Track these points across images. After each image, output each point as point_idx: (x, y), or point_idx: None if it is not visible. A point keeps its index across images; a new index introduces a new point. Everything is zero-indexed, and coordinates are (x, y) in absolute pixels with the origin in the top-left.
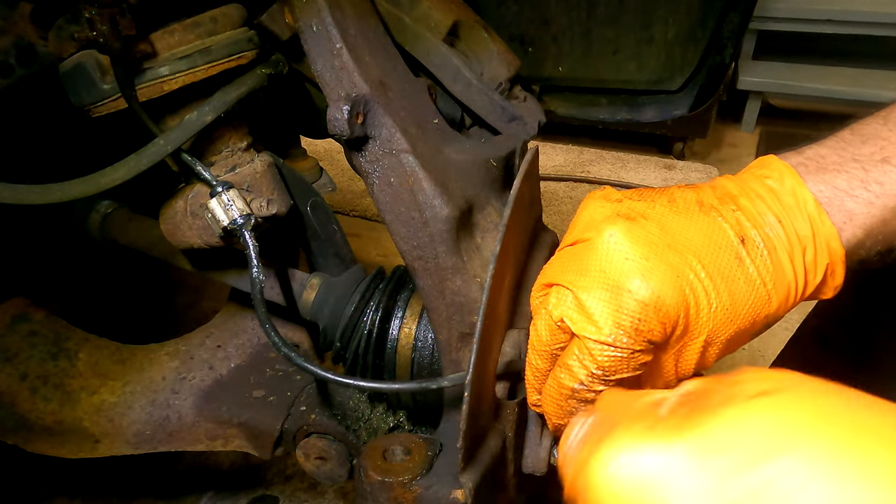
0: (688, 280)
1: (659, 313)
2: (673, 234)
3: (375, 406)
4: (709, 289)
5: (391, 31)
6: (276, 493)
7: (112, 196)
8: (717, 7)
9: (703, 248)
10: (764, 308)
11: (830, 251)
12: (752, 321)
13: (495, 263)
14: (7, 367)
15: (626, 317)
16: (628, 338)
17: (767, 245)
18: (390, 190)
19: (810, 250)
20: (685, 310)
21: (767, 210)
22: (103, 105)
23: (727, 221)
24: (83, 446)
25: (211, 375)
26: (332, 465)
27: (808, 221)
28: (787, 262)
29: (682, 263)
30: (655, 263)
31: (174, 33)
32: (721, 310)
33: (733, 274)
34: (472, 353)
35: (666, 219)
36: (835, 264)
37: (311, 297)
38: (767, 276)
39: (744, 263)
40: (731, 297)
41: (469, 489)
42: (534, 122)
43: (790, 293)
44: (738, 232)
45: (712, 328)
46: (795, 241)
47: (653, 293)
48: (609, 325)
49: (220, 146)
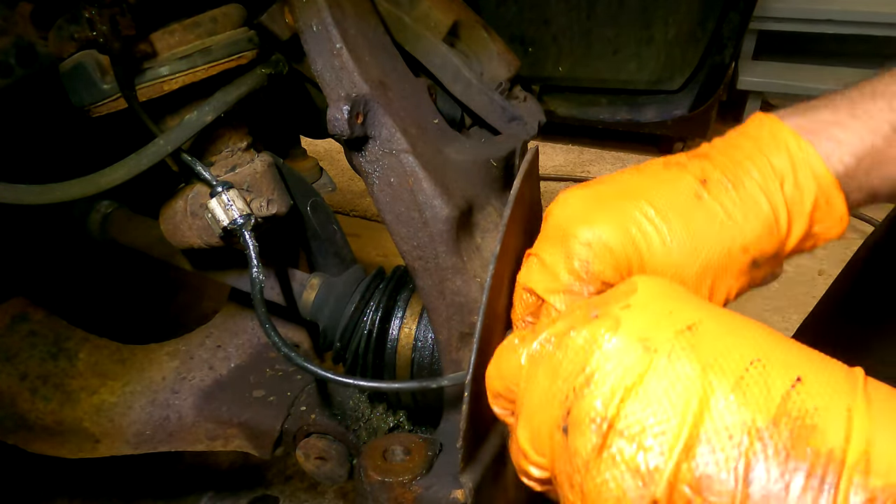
0: (634, 219)
1: (607, 252)
2: (628, 187)
3: (375, 406)
4: (659, 225)
5: (391, 31)
6: (276, 493)
7: (112, 196)
8: (717, 7)
9: (657, 191)
10: (736, 238)
11: (817, 177)
12: (725, 254)
13: (495, 263)
14: (7, 367)
15: (577, 261)
16: (580, 281)
17: (733, 181)
18: (390, 190)
19: (789, 180)
20: (634, 247)
21: (740, 154)
22: (103, 105)
23: (689, 170)
24: (83, 446)
25: (211, 375)
26: (332, 465)
27: (786, 153)
28: (758, 194)
29: (630, 206)
30: (601, 210)
31: (174, 33)
32: (678, 244)
33: (689, 210)
34: (472, 353)
35: (624, 178)
36: (828, 192)
37: (311, 297)
38: (734, 207)
39: (702, 199)
40: (687, 230)
41: (469, 489)
42: (534, 122)
43: (774, 225)
44: (700, 175)
45: (674, 263)
46: (769, 174)
47: (595, 234)
48: (563, 273)
49: (220, 146)
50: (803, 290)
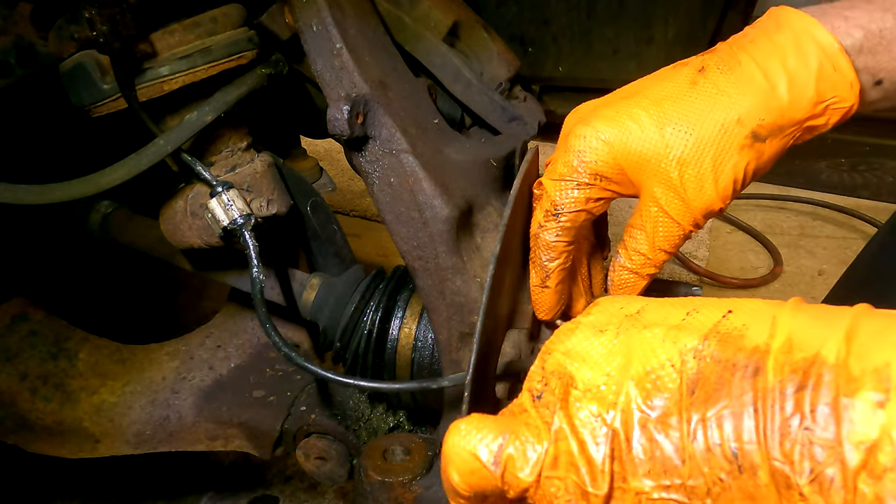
0: (629, 112)
1: (602, 144)
2: (632, 88)
3: (375, 406)
4: (652, 111)
5: (391, 31)
6: (276, 493)
7: (112, 196)
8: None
9: (654, 86)
10: (729, 111)
11: (820, 44)
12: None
13: (495, 263)
14: (7, 367)
15: (571, 153)
16: (570, 169)
17: (730, 64)
18: (390, 190)
19: (790, 50)
20: (628, 134)
21: (744, 39)
22: (103, 105)
23: (690, 64)
24: (83, 446)
25: (211, 375)
26: (332, 465)
27: (789, 28)
28: (753, 68)
29: (628, 102)
30: (601, 109)
31: (174, 33)
32: (671, 125)
33: (684, 95)
34: (472, 353)
35: (633, 84)
36: (833, 58)
37: (311, 297)
38: (727, 84)
39: (697, 84)
40: (679, 111)
41: None
42: (534, 122)
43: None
44: (698, 66)
45: (668, 143)
46: (768, 50)
47: (591, 127)
48: (559, 164)
49: (220, 146)
50: (803, 290)
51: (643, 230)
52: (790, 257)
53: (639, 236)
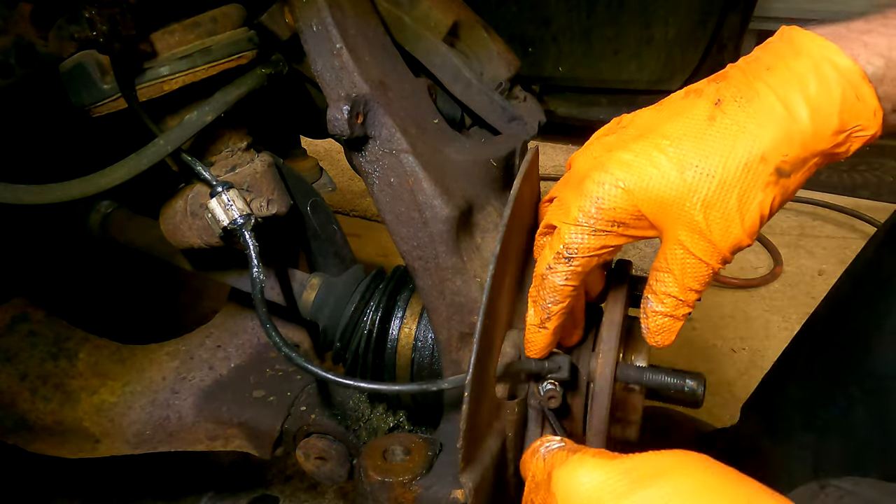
0: (648, 155)
1: (621, 192)
2: (645, 124)
3: (375, 406)
4: (673, 155)
5: (391, 31)
6: (276, 493)
7: (112, 196)
8: (717, 7)
9: (671, 124)
10: (752, 149)
11: (841, 72)
12: (742, 167)
13: (495, 263)
14: (7, 367)
15: (588, 199)
16: (586, 215)
17: (747, 95)
18: (390, 190)
19: (811, 79)
20: (649, 181)
21: (758, 66)
22: (103, 105)
23: (704, 96)
24: (83, 446)
25: (211, 375)
26: (332, 465)
27: (807, 55)
28: (773, 100)
29: (645, 144)
30: (618, 152)
31: (174, 33)
32: (692, 168)
33: (702, 133)
34: (472, 354)
35: (644, 116)
36: (856, 86)
37: (311, 297)
38: (747, 120)
39: (715, 120)
40: (700, 153)
41: (469, 489)
42: (534, 122)
43: (793, 126)
44: (713, 97)
45: (691, 188)
46: (787, 78)
47: (610, 174)
48: (574, 208)
49: (220, 146)
50: (803, 290)
51: (671, 273)
52: (790, 257)
53: (667, 280)
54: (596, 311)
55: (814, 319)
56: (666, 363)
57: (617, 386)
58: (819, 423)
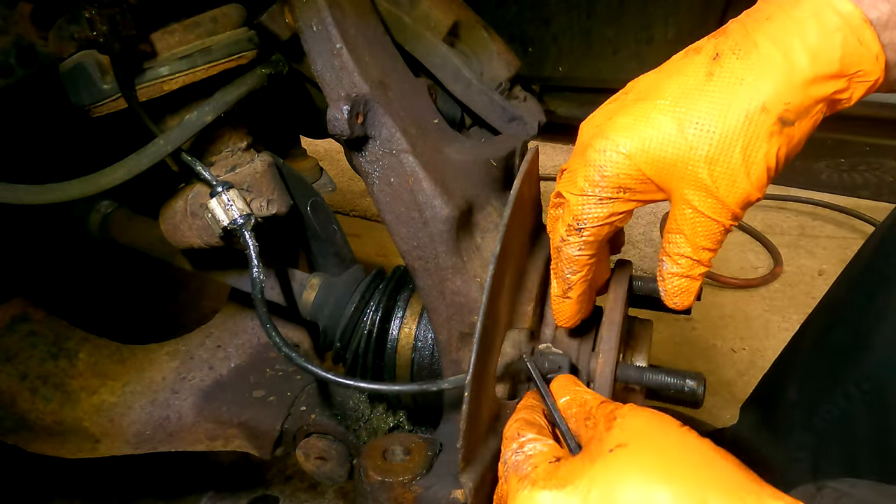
0: (648, 118)
1: (622, 157)
2: (645, 87)
3: (375, 406)
4: (673, 114)
5: (391, 31)
6: (276, 493)
7: (112, 196)
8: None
9: (669, 83)
10: (751, 100)
11: (843, 16)
12: (743, 119)
13: (495, 263)
14: (7, 367)
15: (591, 168)
16: (591, 184)
17: (745, 47)
18: (390, 190)
19: (811, 25)
20: (649, 143)
21: (759, 15)
22: (103, 105)
23: (703, 52)
24: (83, 446)
25: (211, 375)
26: (332, 465)
27: (810, 3)
28: (771, 49)
29: (645, 107)
30: (618, 117)
31: (174, 33)
32: (692, 126)
33: (701, 89)
34: (472, 354)
35: (644, 82)
36: (858, 31)
37: (311, 297)
38: (745, 71)
39: (713, 75)
40: (699, 110)
41: (469, 489)
42: (534, 122)
43: (792, 73)
44: (712, 53)
45: (691, 144)
46: (787, 26)
47: (610, 140)
48: (580, 178)
49: (220, 146)
50: (803, 290)
51: (682, 234)
52: (790, 257)
53: (679, 241)
54: (596, 311)
55: (812, 319)
56: (666, 363)
57: (617, 386)
58: (817, 424)
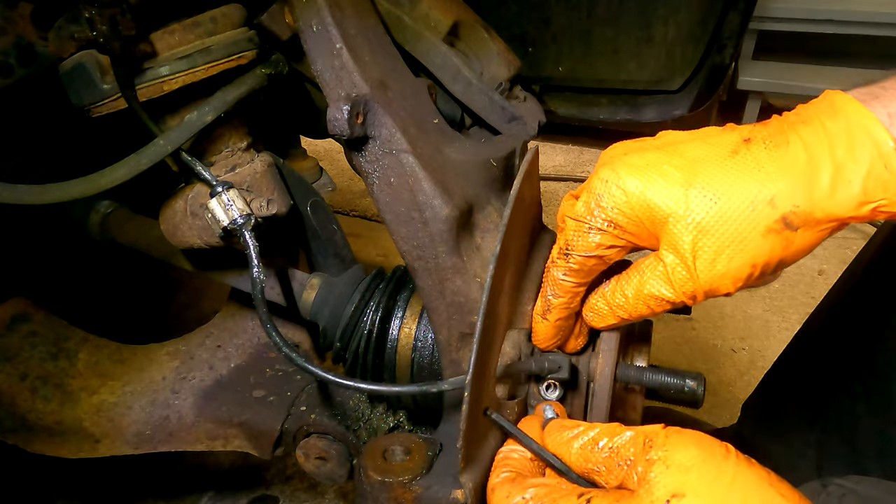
0: (659, 166)
1: (621, 192)
2: (672, 139)
3: (375, 406)
4: (682, 172)
5: (391, 31)
6: (276, 493)
7: (112, 196)
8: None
9: (694, 144)
10: (763, 188)
11: (874, 140)
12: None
13: (495, 264)
14: (7, 367)
15: (591, 196)
16: (587, 211)
17: (777, 140)
18: (390, 190)
19: (841, 141)
20: (650, 188)
21: (795, 118)
22: (103, 105)
23: (738, 131)
24: (83, 446)
25: (211, 375)
26: (332, 465)
27: (843, 117)
28: (799, 150)
29: (662, 154)
30: (633, 156)
31: (174, 33)
32: (698, 190)
33: (720, 162)
34: (472, 354)
35: (673, 134)
36: (887, 157)
37: (311, 297)
38: (768, 160)
39: (737, 154)
40: (709, 178)
41: (469, 489)
42: (534, 122)
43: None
44: (746, 136)
45: (691, 207)
46: (819, 134)
47: (615, 173)
48: (581, 203)
49: (220, 146)
50: (803, 290)
51: (640, 276)
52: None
53: (632, 279)
54: None
55: (815, 318)
56: (666, 363)
57: (617, 386)
58: (821, 421)
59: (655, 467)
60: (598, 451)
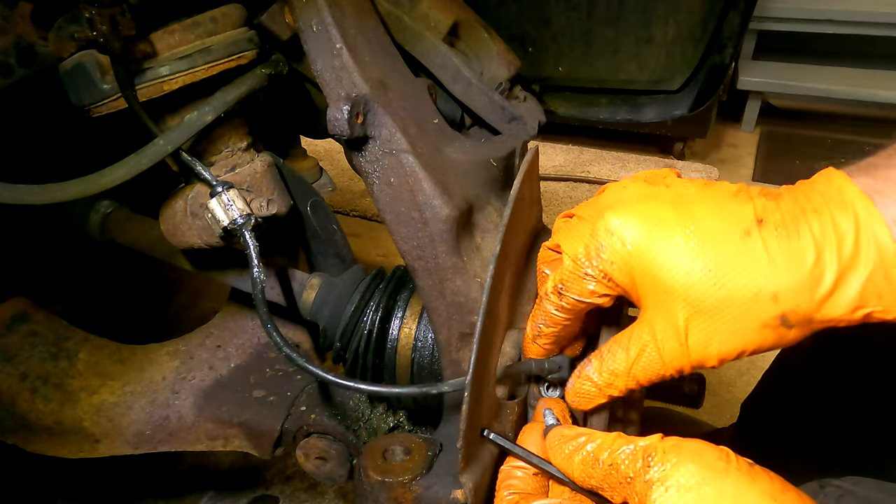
0: (670, 234)
1: (625, 252)
2: (686, 195)
3: (375, 406)
4: (691, 244)
5: (391, 31)
6: (276, 493)
7: (112, 196)
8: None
9: (708, 212)
10: (769, 283)
11: (879, 247)
12: (752, 296)
13: (495, 264)
14: (7, 367)
15: (594, 242)
16: (586, 254)
17: (789, 229)
18: (390, 190)
19: (849, 243)
20: (654, 252)
21: (808, 205)
22: (103, 105)
23: (752, 203)
24: (83, 446)
25: (211, 375)
26: (332, 465)
27: (853, 215)
28: (810, 247)
29: (674, 222)
30: (643, 208)
31: (174, 33)
32: (702, 267)
33: (731, 241)
34: (472, 354)
35: (688, 188)
36: (888, 266)
37: (312, 297)
38: (778, 253)
39: (749, 237)
40: (718, 258)
41: (469, 489)
42: (534, 122)
43: (817, 282)
44: (759, 214)
45: (693, 284)
46: (829, 232)
47: (625, 227)
48: (581, 244)
49: (220, 146)
50: None
51: (626, 352)
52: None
53: (619, 355)
54: None
55: None
56: None
57: None
58: (820, 421)
59: (654, 490)
60: (599, 468)
